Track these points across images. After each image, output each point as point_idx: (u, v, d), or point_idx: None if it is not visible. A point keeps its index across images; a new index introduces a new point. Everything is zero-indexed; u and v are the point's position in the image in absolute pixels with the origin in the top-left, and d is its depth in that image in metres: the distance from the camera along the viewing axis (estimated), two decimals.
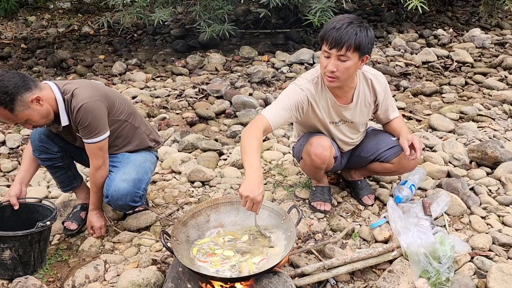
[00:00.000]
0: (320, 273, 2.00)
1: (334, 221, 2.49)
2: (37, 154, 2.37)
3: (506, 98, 4.21)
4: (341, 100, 2.30)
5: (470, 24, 7.09)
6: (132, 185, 2.28)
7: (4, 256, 2.08)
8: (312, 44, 6.32)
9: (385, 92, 2.40)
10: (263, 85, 4.84)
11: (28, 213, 2.30)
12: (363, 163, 2.61)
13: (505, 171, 2.86)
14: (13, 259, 2.09)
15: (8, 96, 1.98)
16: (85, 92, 2.17)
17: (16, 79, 2.02)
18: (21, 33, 7.71)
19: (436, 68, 5.22)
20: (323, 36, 2.05)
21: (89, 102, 2.15)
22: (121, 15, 5.42)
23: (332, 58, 2.05)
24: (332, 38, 2.00)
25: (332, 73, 2.07)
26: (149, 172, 2.44)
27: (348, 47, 1.99)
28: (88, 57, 6.28)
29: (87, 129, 2.18)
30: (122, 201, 2.27)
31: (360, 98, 2.34)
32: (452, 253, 2.02)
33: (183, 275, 1.89)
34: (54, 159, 2.41)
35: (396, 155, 2.42)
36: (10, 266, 2.11)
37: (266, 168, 3.19)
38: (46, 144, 2.35)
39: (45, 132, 2.36)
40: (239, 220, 2.20)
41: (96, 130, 2.19)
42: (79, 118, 2.15)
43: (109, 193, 2.28)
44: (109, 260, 2.26)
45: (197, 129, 3.95)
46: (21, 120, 2.08)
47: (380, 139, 2.53)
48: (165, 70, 5.61)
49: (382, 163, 2.50)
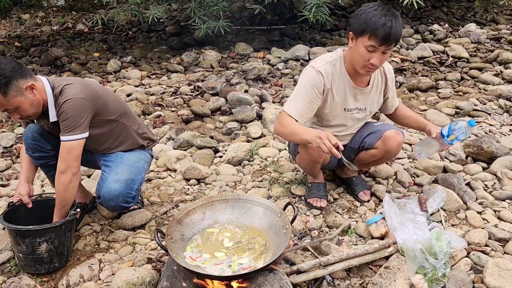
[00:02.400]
0: (316, 270, 1.99)
1: (330, 217, 2.48)
2: (30, 153, 2.35)
3: (502, 93, 4.20)
4: (358, 83, 2.33)
5: (466, 19, 7.09)
6: (125, 186, 2.26)
7: (40, 250, 2.10)
8: (308, 40, 6.30)
9: (392, 78, 2.48)
10: (259, 82, 4.82)
11: (42, 209, 2.30)
12: (351, 155, 2.61)
13: (501, 166, 2.86)
14: (50, 251, 2.12)
15: (4, 78, 1.96)
16: (74, 89, 2.13)
17: (13, 64, 2.01)
18: (15, 31, 7.66)
19: (432, 63, 5.21)
20: (371, 31, 2.04)
21: (74, 99, 2.10)
22: (116, 12, 5.40)
23: (377, 52, 2.08)
24: (384, 34, 2.02)
25: (374, 65, 2.12)
26: (142, 171, 2.42)
27: (396, 42, 2.09)
28: (83, 55, 6.24)
29: (64, 124, 2.11)
30: (114, 202, 2.26)
31: (375, 83, 2.39)
32: (448, 249, 2.01)
33: (178, 273, 1.88)
34: (48, 157, 2.38)
35: (378, 139, 2.43)
36: (46, 259, 2.13)
37: (262, 165, 3.17)
38: (39, 143, 2.32)
39: (38, 130, 2.33)
40: (234, 218, 2.18)
41: (72, 127, 2.10)
42: (61, 112, 2.11)
43: (101, 194, 2.26)
44: (103, 259, 2.24)
45: (192, 126, 3.93)
46: (11, 106, 2.03)
47: (364, 127, 2.56)
48: (160, 68, 5.58)
49: (368, 150, 2.52)
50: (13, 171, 3.26)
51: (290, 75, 5.03)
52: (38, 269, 2.14)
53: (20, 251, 2.11)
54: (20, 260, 2.14)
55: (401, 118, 2.64)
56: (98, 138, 2.33)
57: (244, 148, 3.26)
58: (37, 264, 2.13)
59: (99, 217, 2.58)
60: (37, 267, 2.14)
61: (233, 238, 2.08)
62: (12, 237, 2.12)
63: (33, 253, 2.10)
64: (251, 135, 3.62)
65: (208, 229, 2.14)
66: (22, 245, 2.08)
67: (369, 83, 2.36)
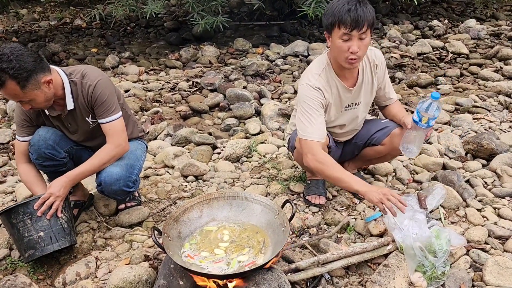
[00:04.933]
0: (314, 268, 1.97)
1: (329, 215, 2.47)
2: (41, 161, 2.27)
3: (502, 89, 4.18)
4: (348, 82, 2.29)
5: (466, 15, 7.06)
6: (125, 170, 2.25)
7: (61, 220, 2.13)
8: (307, 36, 6.26)
9: (383, 65, 2.40)
10: (258, 78, 4.79)
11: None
12: (355, 151, 2.60)
13: (500, 163, 2.84)
14: (68, 221, 2.16)
15: (26, 72, 1.94)
16: (95, 72, 2.20)
17: (35, 56, 1.99)
18: (12, 26, 7.61)
19: (431, 59, 5.19)
20: (338, 21, 2.03)
21: (104, 79, 2.18)
22: (114, 7, 5.36)
23: (354, 39, 2.05)
24: (350, 20, 2.00)
25: (355, 54, 2.07)
26: (140, 159, 2.42)
27: (368, 24, 2.03)
28: (80, 50, 6.21)
29: (105, 106, 2.17)
30: (116, 186, 2.23)
31: (365, 75, 2.35)
32: (448, 247, 1.99)
33: (175, 272, 1.86)
34: (59, 165, 2.33)
35: (386, 135, 2.42)
36: (67, 230, 2.15)
37: (260, 161, 3.15)
38: (52, 151, 2.26)
39: (51, 137, 2.26)
40: (232, 215, 2.16)
41: (114, 106, 2.20)
42: (96, 95, 2.14)
43: (102, 179, 2.23)
44: (100, 256, 2.22)
45: (190, 122, 3.91)
46: (26, 99, 2.02)
47: (371, 124, 2.56)
48: (158, 63, 5.55)
49: (374, 146, 2.49)
50: (10, 168, 3.24)
51: (289, 71, 5.00)
52: (62, 242, 2.12)
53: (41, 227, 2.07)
54: (41, 240, 2.07)
55: (391, 116, 2.51)
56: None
57: (242, 145, 3.24)
58: (61, 236, 2.12)
59: (96, 214, 2.56)
60: (61, 239, 2.12)
61: (232, 235, 2.06)
62: (31, 215, 2.07)
63: (55, 225, 2.11)
64: (249, 132, 3.60)
65: (206, 227, 2.12)
66: (44, 219, 2.08)
67: (358, 77, 2.32)
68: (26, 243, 2.07)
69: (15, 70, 1.90)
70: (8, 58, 1.89)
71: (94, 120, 2.27)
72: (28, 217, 2.07)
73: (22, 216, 2.07)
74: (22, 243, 2.08)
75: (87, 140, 2.38)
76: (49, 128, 2.29)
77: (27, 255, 2.08)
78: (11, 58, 1.90)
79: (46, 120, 2.28)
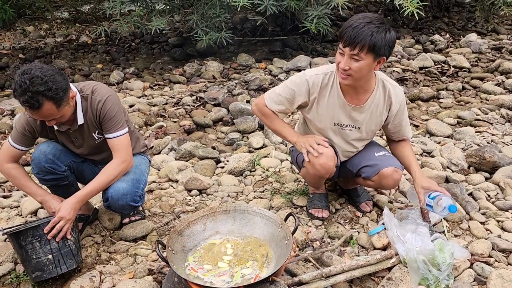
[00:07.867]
0: (317, 281, 1.98)
1: (332, 228, 2.47)
2: (42, 175, 2.30)
3: (504, 103, 4.20)
4: (352, 101, 2.26)
5: (467, 30, 7.11)
6: (131, 185, 2.27)
7: (69, 242, 2.14)
8: (310, 51, 6.32)
9: (401, 105, 2.32)
10: (261, 92, 4.83)
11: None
12: (349, 175, 2.57)
13: (503, 176, 2.84)
14: (75, 242, 2.17)
15: (62, 92, 1.99)
16: (105, 88, 2.25)
17: (62, 74, 2.04)
18: (19, 43, 7.73)
19: (433, 73, 5.22)
20: (340, 33, 2.04)
21: (113, 95, 2.24)
22: (119, 24, 5.44)
23: (345, 56, 2.03)
24: (347, 37, 1.98)
25: (345, 71, 2.06)
26: (145, 173, 2.44)
27: (361, 47, 1.96)
28: (86, 66, 6.29)
29: (113, 121, 2.21)
30: (123, 201, 2.25)
31: (374, 104, 2.28)
32: (451, 260, 1.99)
33: (179, 285, 1.87)
34: (60, 179, 2.35)
35: (375, 173, 2.34)
36: (74, 252, 2.15)
37: (264, 175, 3.17)
38: (52, 165, 2.28)
39: (51, 151, 2.28)
40: (236, 229, 2.17)
41: (121, 121, 2.24)
42: (106, 110, 2.19)
43: (109, 195, 2.25)
44: (104, 270, 2.23)
45: (194, 137, 3.94)
46: (59, 116, 2.06)
47: (364, 153, 2.45)
48: (162, 79, 5.61)
49: (364, 179, 2.44)
50: None
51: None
52: (69, 264, 2.12)
53: (50, 250, 2.07)
54: (49, 262, 2.07)
55: (396, 152, 2.47)
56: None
57: (245, 159, 3.26)
58: (68, 258, 2.12)
59: (101, 228, 2.57)
60: (68, 262, 2.12)
61: (235, 249, 2.07)
62: (40, 238, 2.06)
63: (64, 247, 2.11)
64: (252, 146, 3.62)
65: (209, 240, 2.13)
66: (53, 242, 2.08)
67: (366, 102, 2.26)
68: (34, 264, 2.07)
69: (52, 92, 1.94)
70: (42, 80, 1.92)
71: (100, 136, 2.30)
72: (37, 240, 2.06)
73: (31, 239, 2.05)
74: (30, 264, 2.08)
75: (92, 154, 2.41)
76: (49, 142, 2.33)
77: (34, 276, 2.08)
78: (45, 80, 1.92)
79: (50, 133, 2.31)
